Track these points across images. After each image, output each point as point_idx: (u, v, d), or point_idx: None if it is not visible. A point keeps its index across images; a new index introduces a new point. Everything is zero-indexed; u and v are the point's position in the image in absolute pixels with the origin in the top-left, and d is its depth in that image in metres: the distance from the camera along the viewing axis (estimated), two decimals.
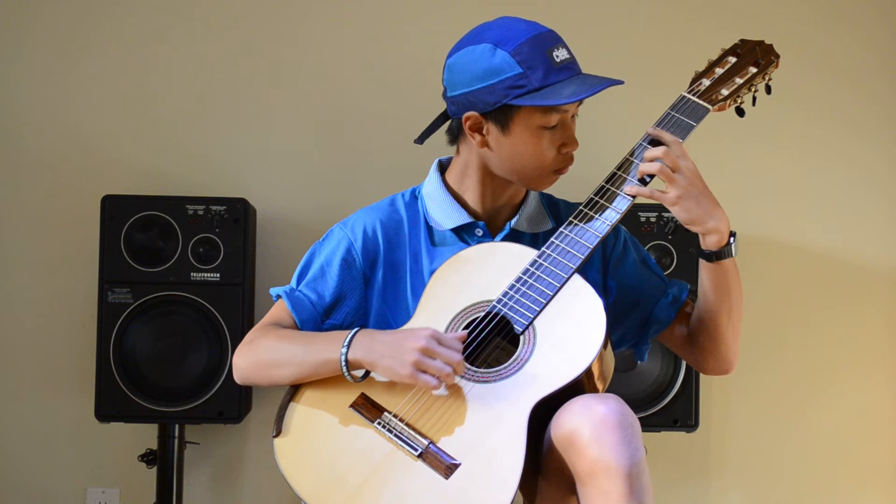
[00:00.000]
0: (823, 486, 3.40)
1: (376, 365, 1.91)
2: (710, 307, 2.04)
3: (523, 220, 2.12)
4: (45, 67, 3.38)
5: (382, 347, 1.90)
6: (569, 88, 1.96)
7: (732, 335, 2.07)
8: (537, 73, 1.96)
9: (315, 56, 3.41)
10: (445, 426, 1.87)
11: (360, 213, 2.15)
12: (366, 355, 1.91)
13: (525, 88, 1.96)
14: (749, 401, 3.40)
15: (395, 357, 1.88)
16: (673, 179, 1.93)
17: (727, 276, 2.01)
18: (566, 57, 2.00)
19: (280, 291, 2.11)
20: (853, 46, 3.44)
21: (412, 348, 1.87)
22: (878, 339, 3.42)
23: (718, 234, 1.96)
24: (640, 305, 2.13)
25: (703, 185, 1.95)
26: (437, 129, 2.13)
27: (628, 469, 1.74)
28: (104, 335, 3.02)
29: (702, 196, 1.94)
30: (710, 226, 1.95)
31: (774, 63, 2.06)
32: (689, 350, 2.14)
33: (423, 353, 1.86)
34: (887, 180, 3.44)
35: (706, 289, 2.03)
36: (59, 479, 3.33)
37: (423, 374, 1.86)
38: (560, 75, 1.98)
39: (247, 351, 2.04)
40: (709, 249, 1.98)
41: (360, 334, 1.94)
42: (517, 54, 1.97)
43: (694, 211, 1.94)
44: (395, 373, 1.88)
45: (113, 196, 3.08)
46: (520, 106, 1.97)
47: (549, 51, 1.98)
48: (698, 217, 1.94)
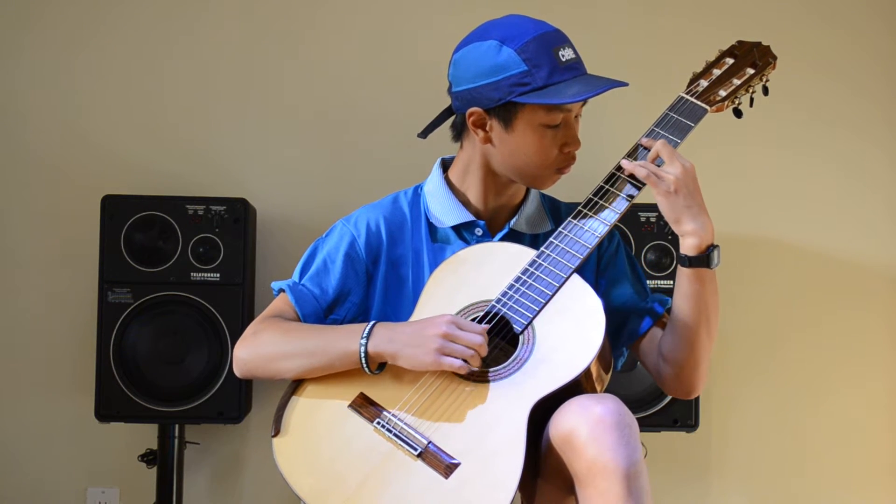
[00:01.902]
0: (823, 487, 3.40)
1: (398, 355, 1.91)
2: (685, 319, 1.96)
3: (522, 220, 2.12)
4: (45, 68, 3.38)
5: (404, 337, 1.90)
6: (573, 88, 1.97)
7: (702, 357, 1.99)
8: (542, 71, 1.97)
9: (315, 56, 3.41)
10: (445, 426, 1.87)
11: (362, 209, 2.15)
12: (387, 347, 1.91)
13: (529, 86, 1.97)
14: (749, 401, 3.40)
15: (418, 345, 1.88)
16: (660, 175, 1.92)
17: (703, 288, 1.95)
18: (572, 57, 2.00)
19: (283, 285, 2.10)
20: (852, 48, 3.44)
21: (434, 335, 1.88)
22: (878, 340, 3.42)
23: (697, 239, 1.92)
24: (619, 312, 2.10)
25: (694, 187, 1.93)
26: (442, 123, 2.13)
27: (626, 469, 1.74)
28: (104, 335, 3.02)
29: (690, 196, 1.92)
30: (690, 228, 1.92)
31: (772, 64, 2.06)
32: (654, 365, 2.06)
33: (446, 338, 1.87)
34: (887, 182, 3.44)
35: (681, 299, 1.97)
36: (59, 479, 3.33)
37: (447, 358, 1.87)
38: (565, 74, 1.98)
39: (249, 343, 2.02)
40: (686, 254, 1.95)
41: (379, 326, 1.94)
42: (523, 52, 1.97)
43: (678, 208, 1.92)
44: (419, 361, 1.89)
45: (113, 196, 3.08)
46: (524, 103, 1.98)
47: (554, 49, 1.99)
48: (680, 215, 1.92)
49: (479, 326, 1.90)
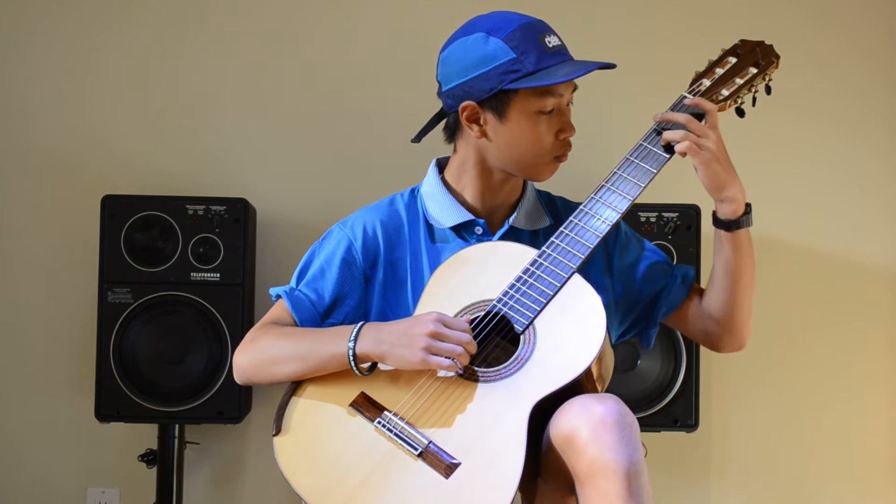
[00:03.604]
0: (823, 487, 3.40)
1: (386, 355, 1.91)
2: (727, 280, 2.05)
3: (521, 217, 2.12)
4: (46, 68, 3.38)
5: (391, 337, 1.90)
6: (563, 69, 1.98)
7: (748, 309, 2.08)
8: (531, 57, 1.98)
9: (316, 56, 3.41)
10: (445, 425, 1.87)
11: (359, 212, 2.15)
12: (375, 347, 1.91)
13: (520, 73, 1.97)
14: (749, 401, 3.40)
15: (405, 345, 1.88)
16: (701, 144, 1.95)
17: (742, 248, 2.03)
18: (557, 43, 2.02)
19: (280, 291, 2.11)
20: (851, 50, 3.44)
21: (420, 334, 1.87)
22: (878, 341, 3.42)
23: (735, 204, 1.99)
24: (647, 292, 2.14)
25: (726, 155, 1.98)
26: (434, 127, 2.14)
27: (626, 469, 1.74)
28: (104, 335, 3.02)
29: (728, 162, 1.98)
30: (730, 193, 1.98)
31: (774, 63, 2.06)
32: (701, 329, 2.13)
33: (433, 336, 1.87)
34: (886, 184, 3.44)
35: (722, 262, 2.04)
36: (59, 478, 3.33)
37: (434, 357, 1.86)
38: (553, 59, 2.00)
39: (248, 349, 2.03)
40: (726, 218, 2.00)
41: (366, 327, 1.94)
42: (510, 40, 1.98)
43: (720, 175, 1.97)
44: (407, 360, 1.89)
45: (113, 196, 3.08)
46: (515, 91, 1.99)
47: (541, 36, 2.00)
48: (722, 182, 1.97)
49: (466, 325, 1.90)
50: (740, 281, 2.05)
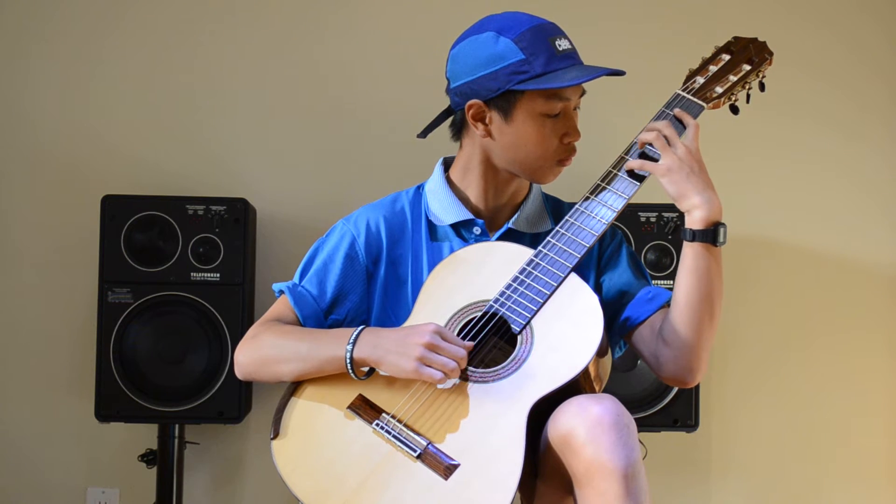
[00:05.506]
0: (823, 486, 3.40)
1: (381, 361, 1.91)
2: (688, 297, 1.93)
3: (522, 219, 2.12)
4: (47, 68, 3.39)
5: (387, 343, 1.90)
6: (570, 73, 1.98)
7: (704, 338, 1.94)
8: (540, 59, 1.97)
9: (316, 56, 3.41)
10: (444, 427, 1.87)
11: (363, 209, 2.16)
12: (371, 353, 1.91)
13: (528, 74, 1.97)
14: (749, 401, 3.39)
15: (400, 353, 1.88)
16: (667, 148, 1.93)
17: (708, 265, 1.92)
18: (568, 47, 2.02)
19: (283, 287, 2.11)
20: (849, 52, 3.44)
21: (416, 344, 1.87)
22: (878, 342, 3.42)
23: (703, 212, 1.91)
24: (618, 298, 2.08)
25: (698, 165, 1.92)
26: (441, 123, 2.13)
27: (624, 469, 1.74)
28: (104, 335, 3.02)
29: (693, 174, 1.91)
30: (695, 201, 1.91)
31: (768, 60, 2.06)
32: (652, 351, 2.01)
33: (428, 348, 1.87)
34: (886, 185, 3.44)
35: (685, 275, 1.93)
36: (59, 478, 3.33)
37: (427, 369, 1.86)
38: (562, 62, 1.99)
39: (249, 346, 2.03)
40: (691, 227, 1.93)
41: (365, 332, 1.94)
42: (520, 41, 1.98)
43: (681, 185, 1.91)
44: (401, 368, 1.89)
45: (113, 196, 3.08)
46: (522, 92, 1.98)
47: (551, 39, 2.00)
48: (684, 191, 1.91)
49: (463, 343, 1.89)
50: (700, 304, 1.92)
